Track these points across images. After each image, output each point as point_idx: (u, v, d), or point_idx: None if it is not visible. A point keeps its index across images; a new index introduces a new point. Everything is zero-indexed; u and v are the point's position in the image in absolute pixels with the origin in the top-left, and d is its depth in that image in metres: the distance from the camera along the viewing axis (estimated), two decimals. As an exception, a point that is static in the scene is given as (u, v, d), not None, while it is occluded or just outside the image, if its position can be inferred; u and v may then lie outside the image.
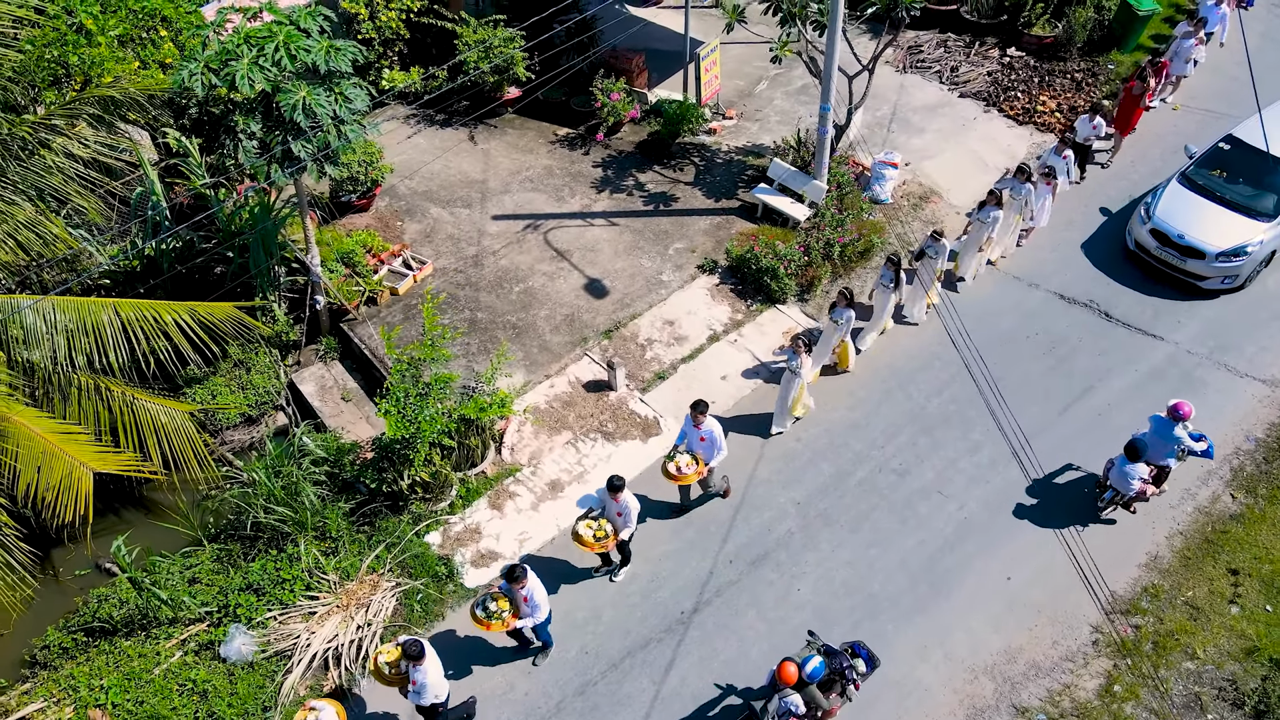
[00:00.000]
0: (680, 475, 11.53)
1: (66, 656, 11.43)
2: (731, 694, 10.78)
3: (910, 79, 19.99)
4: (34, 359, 12.37)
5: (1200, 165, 15.73)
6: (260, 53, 11.66)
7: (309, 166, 12.34)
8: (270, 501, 11.98)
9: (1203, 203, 15.23)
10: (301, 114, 11.79)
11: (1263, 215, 14.92)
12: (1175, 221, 15.10)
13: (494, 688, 10.92)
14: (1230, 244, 14.74)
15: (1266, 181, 15.18)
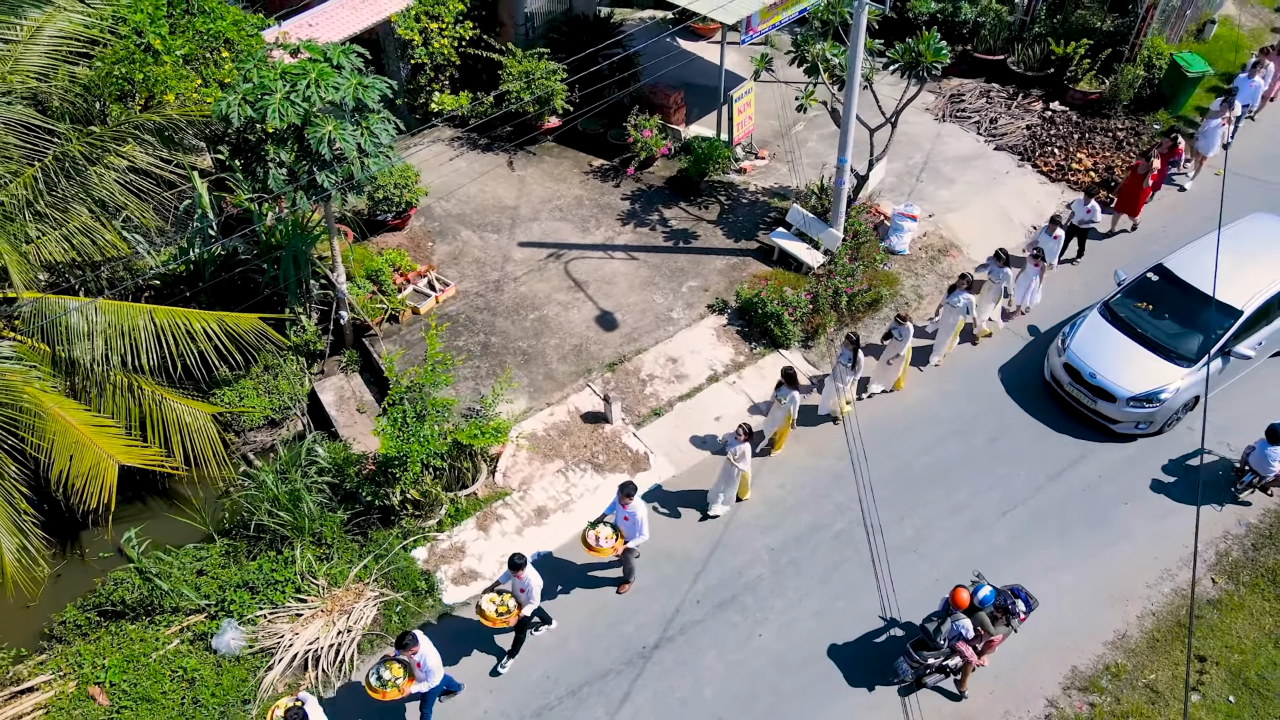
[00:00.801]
0: (596, 547, 11.56)
1: (79, 633, 12.33)
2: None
3: (948, 128, 20.00)
4: (76, 355, 13.33)
5: (1127, 295, 14.61)
6: (293, 88, 12.43)
7: (333, 194, 13.08)
8: (273, 505, 12.73)
9: (1121, 339, 14.07)
10: (327, 147, 12.53)
11: (1183, 359, 13.73)
12: (1089, 357, 13.97)
13: (456, 702, 11.45)
14: (1143, 388, 13.57)
15: (1193, 321, 13.91)
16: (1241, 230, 14.89)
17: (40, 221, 13.59)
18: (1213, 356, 13.55)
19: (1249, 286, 13.88)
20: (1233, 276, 13.53)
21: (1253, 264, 14.11)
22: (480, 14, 20.04)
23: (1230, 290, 13.63)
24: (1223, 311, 13.70)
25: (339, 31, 18.18)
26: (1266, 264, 14.21)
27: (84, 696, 11.38)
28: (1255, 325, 13.98)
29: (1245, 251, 14.23)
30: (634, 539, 11.67)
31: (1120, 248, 17.11)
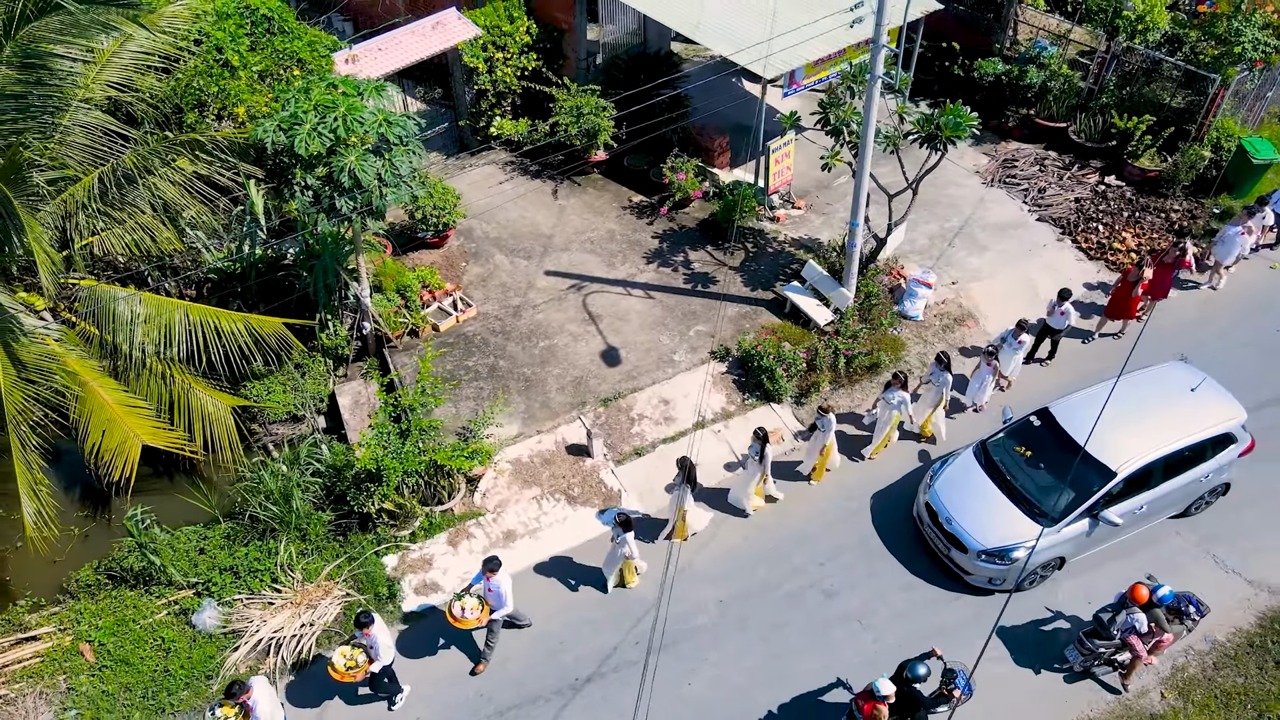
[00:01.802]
0: (460, 619, 11.77)
1: (88, 592, 13.60)
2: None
3: (994, 194, 19.73)
4: (118, 341, 14.64)
5: (1009, 435, 13.46)
6: (322, 120, 13.40)
7: (353, 219, 14.02)
8: (267, 499, 13.75)
9: (987, 485, 12.89)
10: (348, 175, 13.46)
11: (1045, 517, 12.48)
12: (949, 499, 12.93)
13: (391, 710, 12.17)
14: (996, 543, 12.46)
15: (1066, 476, 12.56)
16: (1151, 379, 13.55)
17: (104, 217, 14.98)
18: (1075, 518, 12.50)
19: (1132, 446, 12.57)
20: (1119, 433, 12.43)
21: (1146, 421, 12.78)
22: (545, 47, 20.84)
23: (1111, 448, 12.47)
24: (1095, 470, 12.47)
25: (407, 57, 19.25)
26: (1161, 423, 12.84)
27: (75, 651, 12.59)
28: (1134, 490, 12.68)
29: (1144, 406, 12.92)
30: (499, 610, 11.88)
31: (1101, 352, 16.50)
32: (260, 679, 11.00)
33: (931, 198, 19.61)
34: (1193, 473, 12.99)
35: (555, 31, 20.82)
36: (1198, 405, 13.08)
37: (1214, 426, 12.98)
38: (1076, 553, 12.96)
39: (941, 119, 15.06)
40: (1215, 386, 13.40)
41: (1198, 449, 12.92)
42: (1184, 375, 13.57)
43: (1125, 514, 12.68)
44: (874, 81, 13.95)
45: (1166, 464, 12.74)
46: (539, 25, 20.70)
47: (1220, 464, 13.16)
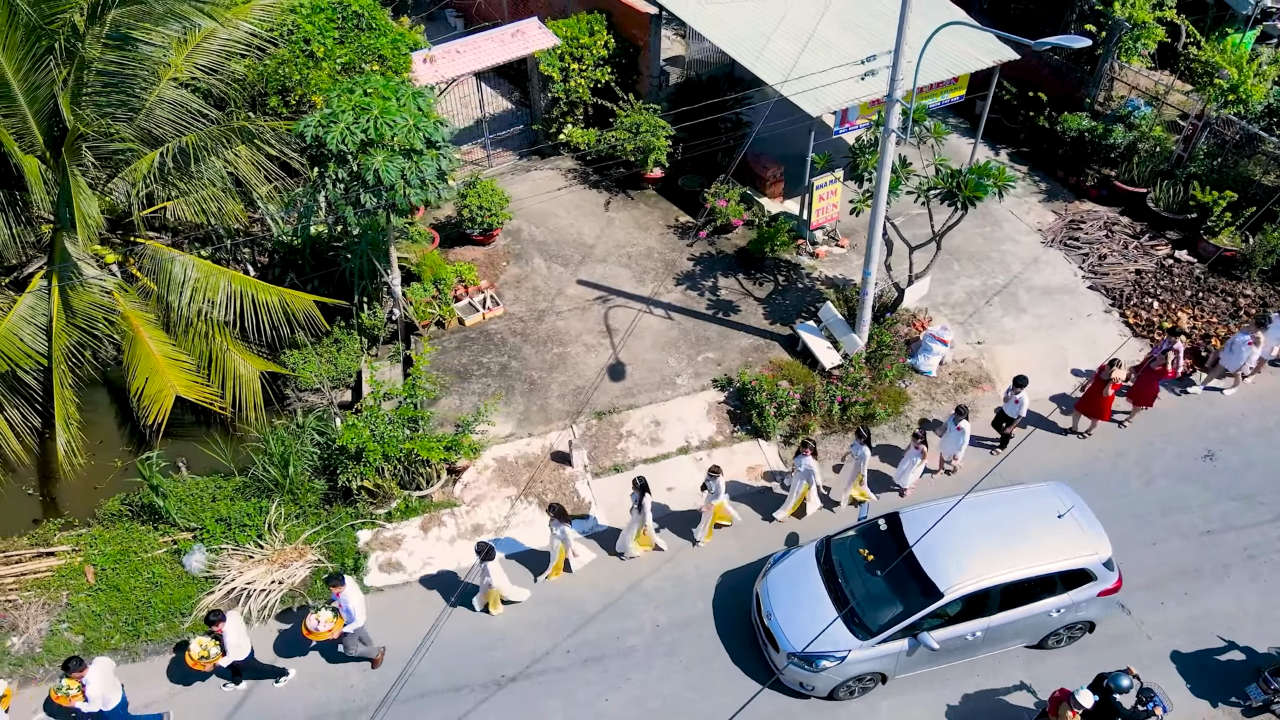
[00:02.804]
0: (314, 631, 12.03)
1: (110, 521, 15.05)
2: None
3: (1050, 254, 18.97)
4: (170, 299, 16.08)
5: (858, 535, 12.69)
6: (355, 121, 14.31)
7: (378, 214, 14.93)
8: (269, 461, 14.86)
9: (816, 584, 12.15)
10: (372, 174, 14.35)
11: (864, 630, 11.74)
12: (776, 593, 12.33)
13: (330, 675, 13.00)
14: (805, 647, 11.61)
15: (896, 589, 11.86)
16: (1018, 499, 12.66)
17: (174, 186, 16.45)
18: (893, 636, 11.73)
19: (969, 568, 11.70)
20: (959, 552, 11.74)
21: (994, 543, 11.89)
22: (621, 62, 21.32)
23: (946, 567, 11.72)
24: (923, 588, 11.70)
25: (483, 61, 20.12)
26: (1009, 548, 11.89)
27: (80, 571, 14.02)
28: (968, 614, 11.81)
29: (999, 527, 12.09)
30: (350, 624, 12.13)
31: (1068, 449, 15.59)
32: (234, 613, 12.08)
33: (981, 251, 19.05)
34: (1038, 606, 11.94)
35: (632, 48, 21.25)
36: (1057, 535, 12.03)
37: (1068, 560, 11.90)
38: (900, 670, 12.14)
39: (964, 176, 14.65)
40: (1083, 517, 12.32)
41: (1045, 581, 11.86)
42: (1053, 500, 12.45)
43: (951, 639, 11.78)
44: (887, 134, 13.74)
45: (1006, 592, 11.73)
46: (617, 40, 21.19)
47: (1074, 601, 12.04)
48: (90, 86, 14.88)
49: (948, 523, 11.42)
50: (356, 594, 12.17)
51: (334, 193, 14.81)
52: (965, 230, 19.40)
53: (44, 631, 13.34)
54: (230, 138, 15.72)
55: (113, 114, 15.55)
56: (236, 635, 11.92)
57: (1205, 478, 14.97)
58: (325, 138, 14.17)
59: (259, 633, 13.24)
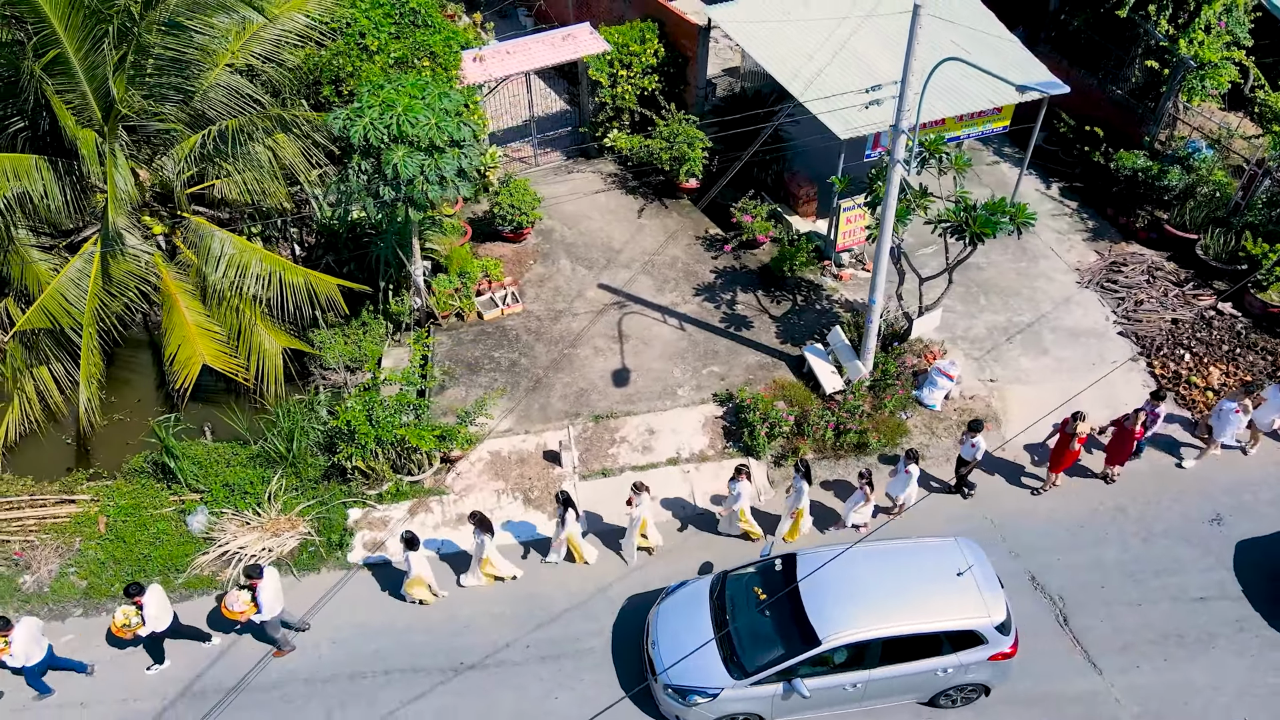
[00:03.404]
0: (229, 610, 12.49)
1: (131, 475, 16.00)
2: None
3: (1085, 295, 18.40)
4: (207, 271, 16.98)
5: (756, 573, 12.44)
6: (380, 116, 14.86)
7: (396, 206, 15.47)
8: (277, 433, 15.58)
9: (703, 618, 11.95)
10: (391, 169, 14.88)
11: (739, 669, 11.51)
12: (664, 623, 12.19)
13: (300, 643, 13.56)
14: (680, 680, 11.55)
15: (778, 631, 11.63)
16: (921, 552, 12.30)
17: (219, 167, 17.33)
18: (767, 679, 11.46)
19: (852, 618, 11.41)
20: (845, 601, 11.48)
21: (883, 595, 11.58)
22: (669, 71, 21.48)
23: (829, 614, 11.45)
24: (802, 633, 11.44)
25: (532, 63, 20.54)
26: (898, 602, 11.55)
27: (94, 520, 14.97)
28: (849, 665, 11.55)
29: (894, 578, 11.78)
30: (259, 614, 12.48)
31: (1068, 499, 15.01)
32: (155, 586, 12.70)
33: (1012, 286, 18.59)
34: (923, 664, 11.59)
35: (681, 58, 21.38)
36: (950, 593, 11.62)
37: (956, 621, 11.48)
38: (777, 714, 11.85)
39: (975, 212, 14.35)
40: (983, 578, 11.87)
41: (930, 639, 11.50)
42: (957, 557, 12.00)
43: (828, 688, 11.53)
44: (892, 164, 13.56)
45: (887, 646, 11.43)
46: (667, 50, 21.34)
47: (961, 662, 11.62)
48: (144, 69, 15.79)
49: (843, 570, 11.40)
50: (272, 588, 12.56)
51: (357, 184, 15.38)
52: (999, 264, 18.99)
53: (53, 573, 14.30)
54: (269, 125, 16.43)
55: (166, 96, 16.47)
56: (156, 607, 12.48)
57: (1208, 541, 14.35)
58: (349, 131, 14.75)
59: (243, 596, 13.88)
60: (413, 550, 12.85)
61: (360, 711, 12.71)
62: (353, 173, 15.31)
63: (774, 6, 19.51)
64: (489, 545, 13.35)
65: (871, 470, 14.20)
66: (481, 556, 13.49)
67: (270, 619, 12.63)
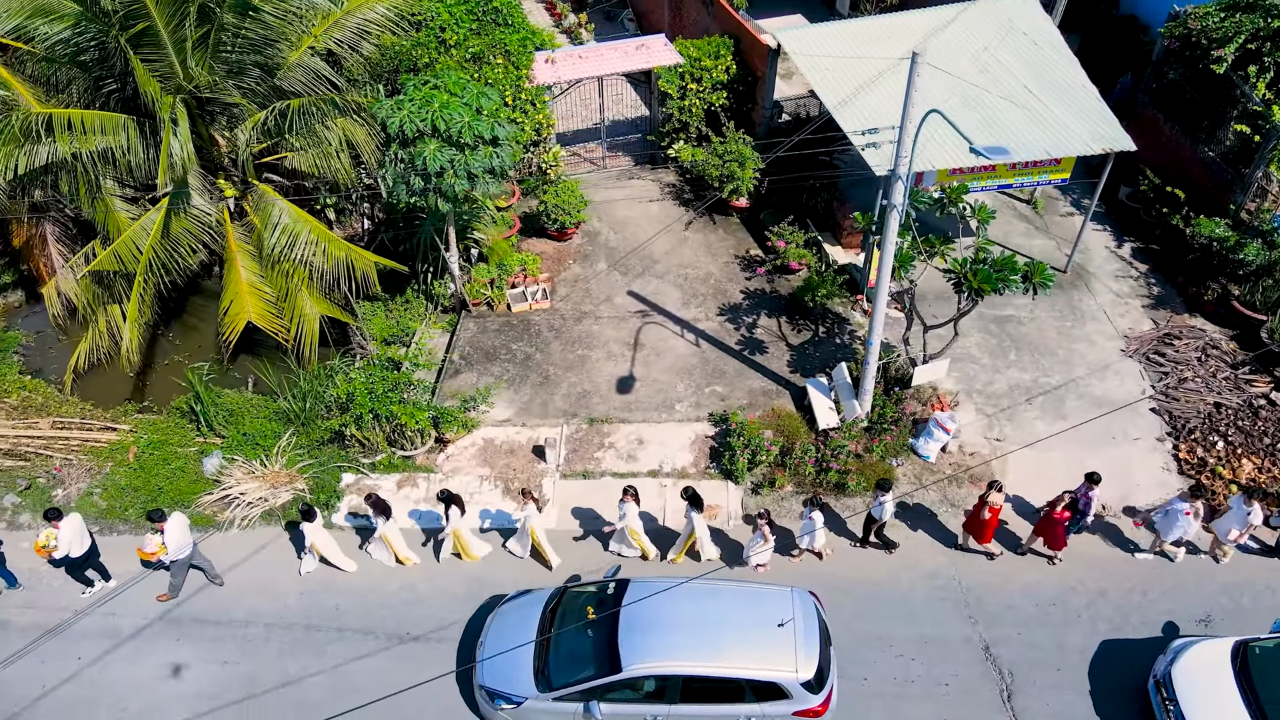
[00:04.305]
0: (142, 551, 13.80)
1: (172, 414, 17.46)
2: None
3: (1126, 366, 17.47)
4: (265, 235, 18.28)
5: (597, 591, 12.59)
6: (417, 110, 15.67)
7: (428, 196, 16.27)
8: (295, 394, 16.71)
9: (532, 627, 12.31)
10: (421, 161, 15.68)
11: (545, 682, 11.78)
12: (498, 626, 12.64)
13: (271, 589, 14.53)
14: (494, 683, 12.01)
15: (592, 652, 11.75)
16: (755, 597, 12.15)
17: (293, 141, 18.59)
18: (567, 696, 11.60)
19: (658, 650, 11.45)
20: (658, 633, 11.52)
21: (696, 633, 11.54)
22: (739, 89, 21.55)
23: (638, 644, 11.51)
24: (609, 658, 11.56)
25: (603, 69, 21.04)
26: (709, 642, 11.47)
27: (125, 449, 16.49)
28: (652, 697, 11.56)
29: (716, 618, 11.74)
30: (168, 556, 13.63)
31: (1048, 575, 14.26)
32: (74, 515, 13.91)
33: (1048, 344, 17.83)
34: (724, 708, 11.48)
35: (751, 76, 21.40)
36: (764, 642, 11.48)
37: (761, 671, 11.29)
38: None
39: (976, 266, 13.90)
40: (805, 632, 11.65)
41: (733, 686, 11.36)
42: (784, 607, 11.88)
43: (626, 715, 11.65)
44: (890, 209, 13.30)
45: (689, 685, 11.39)
46: (740, 68, 21.41)
47: (764, 713, 11.46)
48: (224, 46, 17.11)
49: (667, 603, 11.53)
50: (178, 530, 13.60)
51: (394, 171, 16.26)
52: (1041, 320, 18.25)
53: (81, 491, 15.85)
54: (327, 108, 17.51)
55: (246, 70, 17.78)
56: (69, 533, 13.62)
57: (1187, 642, 13.43)
58: (390, 121, 15.62)
59: (233, 538, 15.04)
60: (309, 522, 13.78)
61: (308, 660, 13.56)
62: (389, 160, 16.19)
63: (844, 39, 19.28)
64: (381, 527, 14.01)
65: (769, 510, 14.07)
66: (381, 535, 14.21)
67: (179, 559, 13.79)
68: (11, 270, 20.67)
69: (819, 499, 13.68)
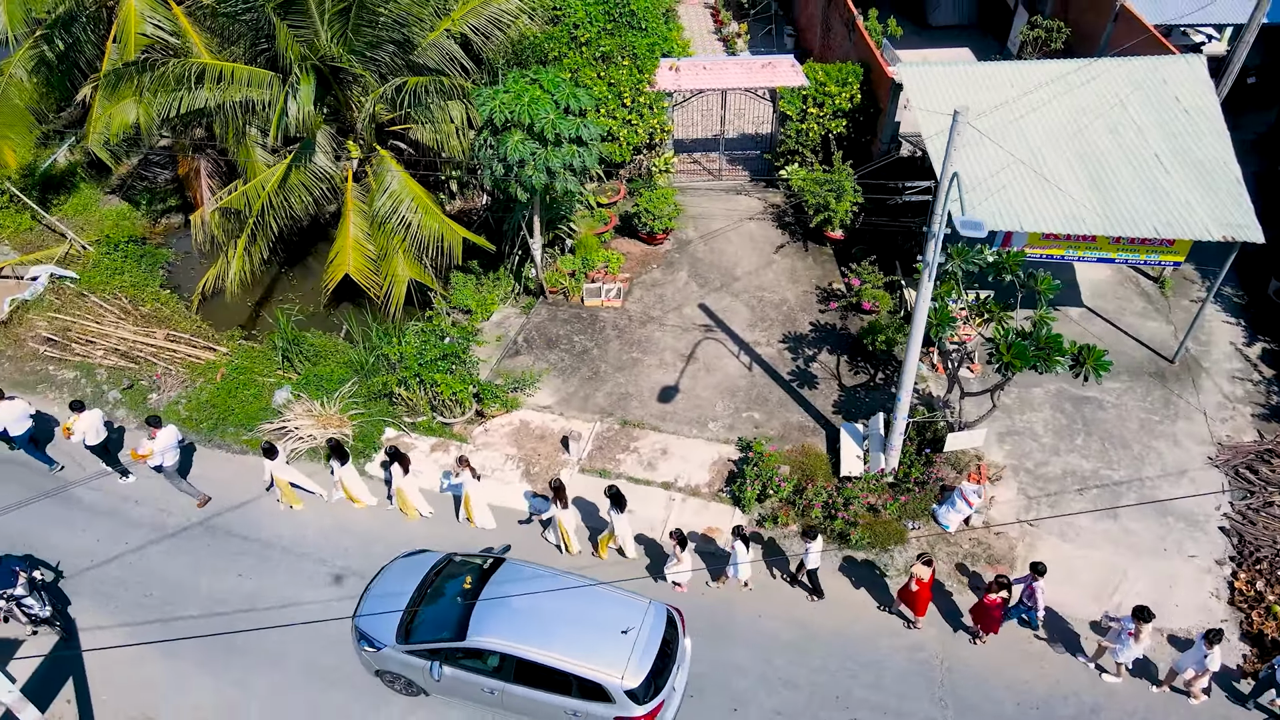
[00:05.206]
0: (135, 453, 15.19)
1: (265, 344, 19.17)
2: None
3: (1208, 476, 15.97)
4: (375, 198, 19.69)
5: (478, 564, 13.30)
6: (509, 102, 16.42)
7: (509, 184, 17.03)
8: (366, 347, 17.99)
9: (413, 583, 13.19)
10: (504, 150, 16.44)
11: (403, 634, 12.64)
12: (386, 576, 13.58)
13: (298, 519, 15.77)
14: (362, 625, 12.90)
15: (451, 617, 12.50)
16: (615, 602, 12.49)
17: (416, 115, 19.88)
18: (416, 650, 12.46)
19: (503, 630, 12.09)
20: (509, 613, 12.17)
21: (546, 624, 12.04)
22: (860, 119, 21.08)
23: (489, 619, 12.25)
24: (459, 625, 12.34)
25: (724, 82, 21.15)
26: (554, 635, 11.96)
27: (216, 369, 18.30)
28: (496, 671, 12.17)
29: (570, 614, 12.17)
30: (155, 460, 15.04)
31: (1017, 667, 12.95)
32: (94, 410, 15.56)
33: (1125, 435, 16.52)
34: (551, 697, 11.95)
35: (874, 109, 20.86)
36: (600, 644, 11.86)
37: (586, 669, 11.70)
38: (436, 691, 12.74)
39: (1010, 338, 13.10)
40: (645, 645, 11.90)
41: (561, 678, 11.78)
42: (634, 617, 12.19)
43: (466, 682, 12.32)
44: (926, 267, 12.75)
45: (522, 666, 11.95)
46: (865, 98, 20.93)
47: (586, 710, 11.82)
48: (364, 22, 18.50)
49: (526, 588, 12.30)
50: (167, 439, 15.01)
51: (484, 155, 17.11)
52: (1126, 407, 16.93)
53: (170, 399, 17.77)
54: (436, 89, 18.57)
55: (381, 46, 19.13)
56: (87, 424, 15.32)
57: (1176, 784, 12.23)
58: (481, 108, 16.46)
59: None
60: (270, 459, 15.00)
61: (303, 589, 14.66)
62: (479, 144, 17.04)
63: (967, 83, 18.45)
64: (338, 471, 15.14)
65: (683, 530, 13.84)
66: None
67: (167, 467, 15.21)
68: (176, 195, 23.28)
69: (740, 529, 13.50)
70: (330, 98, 19.57)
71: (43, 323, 19.29)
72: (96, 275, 20.57)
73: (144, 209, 22.92)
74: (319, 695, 13.28)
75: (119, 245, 21.35)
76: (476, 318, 19.63)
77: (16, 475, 16.31)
